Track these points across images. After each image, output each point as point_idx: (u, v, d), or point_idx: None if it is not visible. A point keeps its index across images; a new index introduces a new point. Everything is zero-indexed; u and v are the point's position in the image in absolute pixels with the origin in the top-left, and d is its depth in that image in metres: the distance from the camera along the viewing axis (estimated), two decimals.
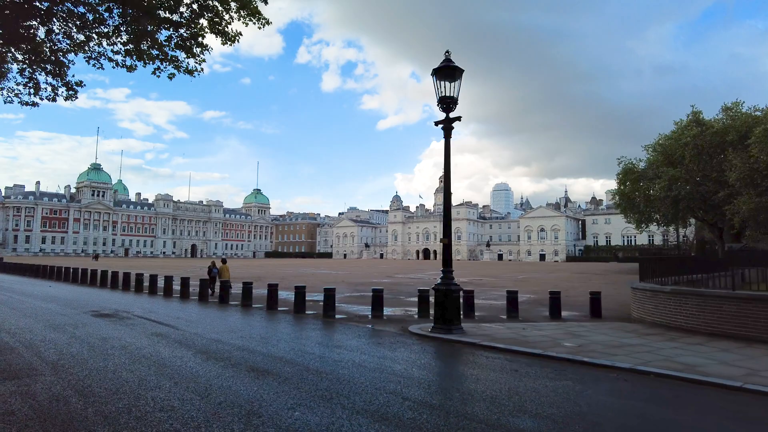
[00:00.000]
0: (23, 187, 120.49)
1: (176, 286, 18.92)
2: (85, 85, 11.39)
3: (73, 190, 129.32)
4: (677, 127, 49.78)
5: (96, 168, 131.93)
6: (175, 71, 10.10)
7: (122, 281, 20.69)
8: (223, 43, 9.49)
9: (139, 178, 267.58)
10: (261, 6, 9.51)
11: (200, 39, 9.64)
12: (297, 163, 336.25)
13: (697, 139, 42.42)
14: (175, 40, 9.81)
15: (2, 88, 11.47)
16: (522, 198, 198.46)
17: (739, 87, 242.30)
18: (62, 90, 11.03)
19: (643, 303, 12.03)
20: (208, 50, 9.79)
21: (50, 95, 11.16)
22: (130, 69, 10.55)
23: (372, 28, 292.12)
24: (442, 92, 10.80)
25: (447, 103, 10.77)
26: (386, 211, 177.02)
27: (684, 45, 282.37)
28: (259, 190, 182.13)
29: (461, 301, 11.84)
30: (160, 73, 10.00)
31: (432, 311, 13.33)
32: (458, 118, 10.88)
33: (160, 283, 19.54)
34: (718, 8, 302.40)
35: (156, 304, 14.66)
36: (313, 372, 6.25)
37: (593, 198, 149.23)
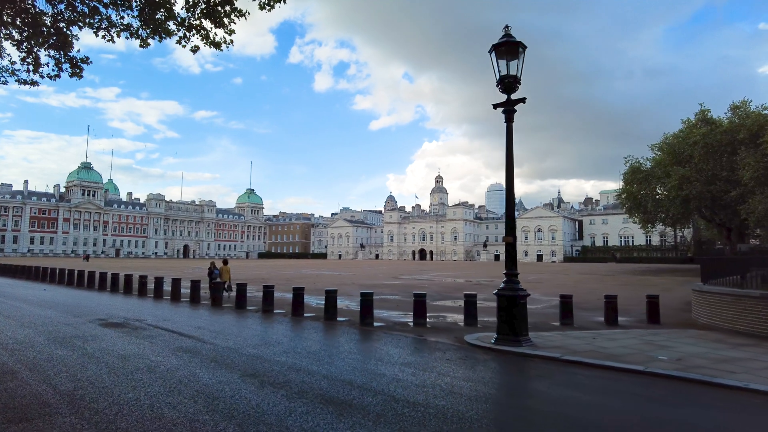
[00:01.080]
0: (11, 186, 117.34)
1: (184, 290, 17.47)
2: (91, 62, 9.96)
3: (62, 190, 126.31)
4: (685, 126, 49.00)
5: (86, 167, 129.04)
6: (202, 42, 8.71)
7: (123, 284, 19.15)
8: (261, 8, 8.08)
9: (129, 178, 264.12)
10: None
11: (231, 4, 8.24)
12: (289, 164, 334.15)
13: (707, 138, 41.58)
14: (202, 6, 8.43)
15: None
16: (516, 199, 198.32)
17: (729, 89, 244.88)
18: (66, 66, 9.61)
19: (718, 308, 10.83)
20: (244, 16, 8.39)
21: (52, 72, 9.71)
22: (144, 43, 9.17)
23: (365, 28, 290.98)
24: (502, 71, 9.52)
25: (508, 83, 9.50)
26: (380, 212, 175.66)
27: (674, 47, 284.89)
28: (253, 190, 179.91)
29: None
30: (186, 42, 8.59)
31: (480, 319, 12.17)
32: (522, 100, 9.60)
33: (166, 286, 18.06)
34: (707, 11, 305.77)
35: (167, 311, 13.21)
36: (405, 403, 4.91)
37: (587, 198, 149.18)
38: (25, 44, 9.50)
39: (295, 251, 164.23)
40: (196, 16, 8.74)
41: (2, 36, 9.73)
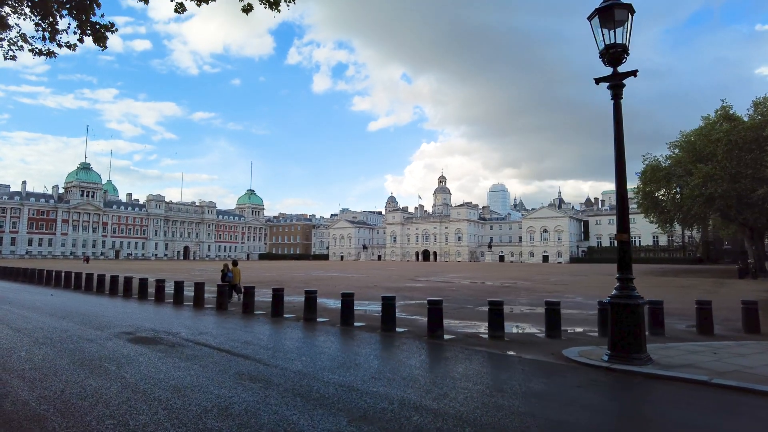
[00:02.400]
0: (8, 187, 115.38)
1: (208, 294, 15.93)
2: (117, 29, 8.43)
3: (61, 191, 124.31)
4: (705, 122, 47.61)
5: (85, 167, 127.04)
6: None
7: (138, 289, 17.55)
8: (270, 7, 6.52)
9: (127, 180, 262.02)
10: None
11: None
12: (287, 165, 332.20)
13: (731, 135, 40.21)
14: None
15: (2, 40, 8.48)
16: (516, 199, 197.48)
17: (725, 90, 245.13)
18: (88, 32, 8.07)
19: None
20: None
21: (71, 41, 8.17)
22: None
23: (363, 29, 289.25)
24: (607, 39, 8.00)
25: (614, 53, 7.98)
26: (379, 213, 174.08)
27: (671, 48, 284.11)
28: (253, 190, 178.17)
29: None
30: None
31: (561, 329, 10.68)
32: (633, 73, 8.08)
33: (188, 291, 16.51)
34: (704, 13, 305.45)
35: (196, 320, 11.64)
36: None
37: (588, 199, 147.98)
38: (39, 8, 7.97)
39: (296, 252, 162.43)
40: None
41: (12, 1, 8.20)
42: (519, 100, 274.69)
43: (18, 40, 8.52)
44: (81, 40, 7.79)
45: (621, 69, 8.13)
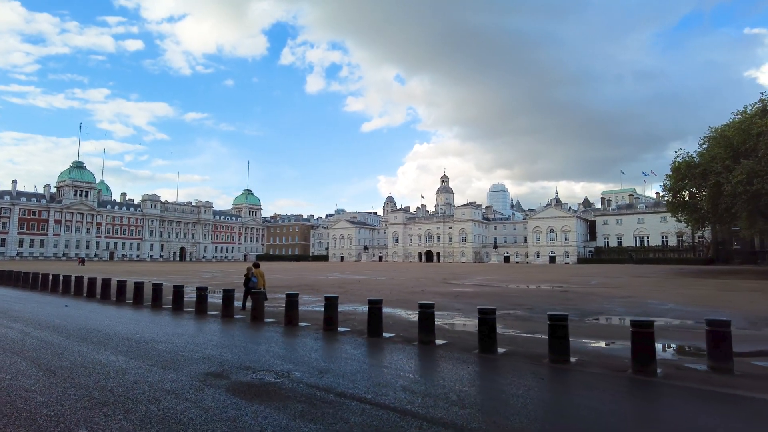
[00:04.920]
0: None
1: (271, 307, 13.10)
2: None
3: (53, 190, 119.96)
4: (742, 116, 45.45)
5: (79, 166, 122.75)
6: None
7: (173, 298, 14.60)
8: None
9: (118, 180, 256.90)
10: None
11: None
12: (279, 166, 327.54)
13: None
14: None
15: None
16: (512, 200, 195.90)
17: (714, 93, 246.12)
18: None
19: None
20: None
21: None
22: None
23: (357, 30, 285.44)
24: None
25: None
26: (375, 213, 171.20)
27: (662, 51, 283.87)
28: (250, 190, 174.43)
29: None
30: None
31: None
32: None
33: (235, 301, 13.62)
34: (695, 16, 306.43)
35: (288, 347, 8.79)
36: None
37: (586, 200, 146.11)
38: None
39: (295, 253, 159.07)
40: None
41: None
42: (512, 102, 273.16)
43: None
44: None
45: None
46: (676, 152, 48.65)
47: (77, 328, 10.48)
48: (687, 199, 48.42)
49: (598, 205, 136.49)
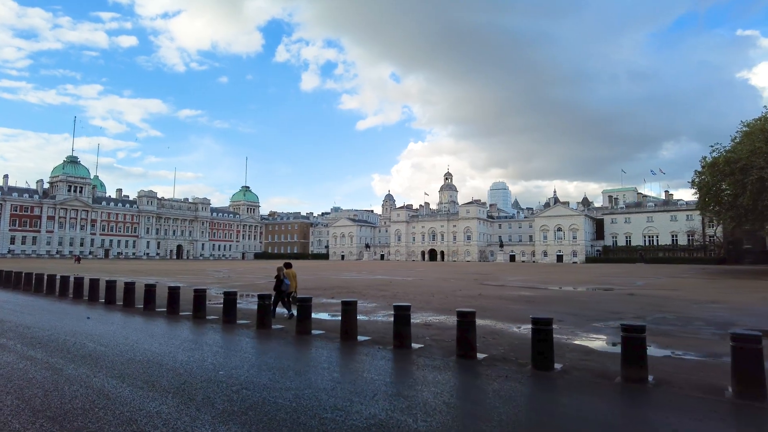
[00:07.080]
0: None
1: (323, 315, 10.38)
2: None
3: (46, 186, 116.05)
4: None
5: (73, 161, 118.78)
6: None
7: (224, 308, 11.82)
8: None
9: (111, 177, 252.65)
10: None
11: None
12: (274, 163, 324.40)
13: None
14: None
15: None
16: (512, 198, 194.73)
17: (707, 93, 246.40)
18: None
19: None
20: None
21: None
22: None
23: (353, 28, 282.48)
24: None
25: None
26: (371, 211, 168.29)
27: (657, 51, 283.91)
28: (248, 187, 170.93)
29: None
30: None
31: None
32: None
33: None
34: (689, 17, 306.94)
35: (383, 375, 6.16)
36: None
37: (585, 198, 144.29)
38: None
39: (293, 251, 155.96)
40: None
41: None
42: (507, 101, 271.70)
43: None
44: None
45: None
46: (712, 146, 46.42)
47: (126, 360, 7.63)
48: (724, 196, 46.13)
49: (598, 204, 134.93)
